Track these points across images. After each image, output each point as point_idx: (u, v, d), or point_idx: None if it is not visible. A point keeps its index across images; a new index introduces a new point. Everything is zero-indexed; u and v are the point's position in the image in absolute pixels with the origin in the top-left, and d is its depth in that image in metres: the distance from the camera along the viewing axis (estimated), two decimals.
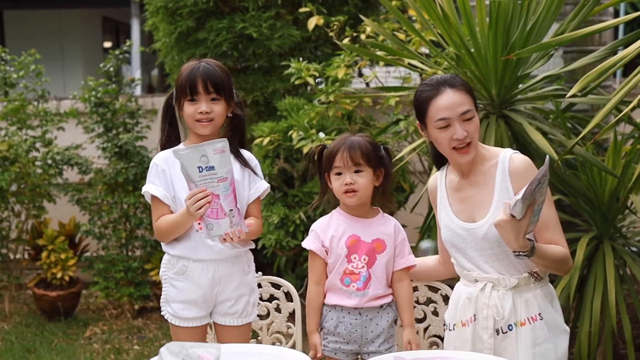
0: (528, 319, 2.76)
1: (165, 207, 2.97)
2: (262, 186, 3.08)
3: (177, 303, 3.02)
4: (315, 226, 3.02)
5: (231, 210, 2.79)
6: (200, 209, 2.75)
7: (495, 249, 2.77)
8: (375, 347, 2.95)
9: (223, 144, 2.75)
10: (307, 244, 3.00)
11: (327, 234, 2.97)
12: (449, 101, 2.75)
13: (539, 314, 2.77)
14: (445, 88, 2.77)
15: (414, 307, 3.22)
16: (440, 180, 2.97)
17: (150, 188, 2.98)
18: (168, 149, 3.02)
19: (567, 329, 2.85)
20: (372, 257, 2.95)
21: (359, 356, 2.98)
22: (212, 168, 2.74)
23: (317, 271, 2.98)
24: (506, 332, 2.77)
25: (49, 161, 6.06)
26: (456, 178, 2.89)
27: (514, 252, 2.64)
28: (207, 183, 2.75)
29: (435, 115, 2.77)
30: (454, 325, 2.91)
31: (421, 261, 3.15)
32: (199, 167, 2.74)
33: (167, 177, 2.97)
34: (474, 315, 2.82)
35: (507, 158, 2.79)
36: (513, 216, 2.55)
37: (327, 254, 2.96)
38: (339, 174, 2.93)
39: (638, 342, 4.71)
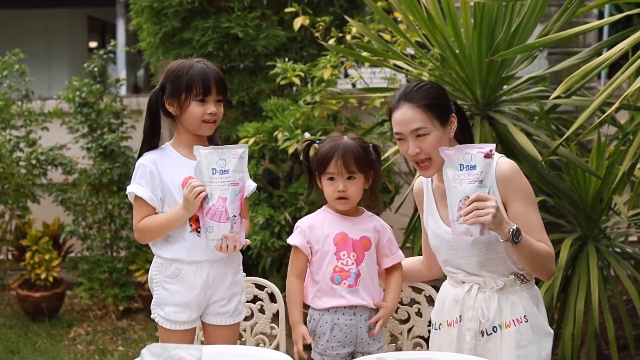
0: (513, 321, 2.77)
1: (150, 209, 2.94)
2: (251, 185, 3.06)
3: (170, 306, 2.99)
4: (301, 222, 3.01)
5: (234, 216, 2.79)
6: (197, 197, 2.75)
7: (483, 255, 2.77)
8: (370, 346, 2.96)
9: (243, 150, 2.79)
10: (292, 239, 2.98)
11: (314, 231, 2.95)
12: (401, 117, 2.77)
13: (524, 316, 2.77)
14: (403, 103, 2.77)
15: (398, 307, 3.23)
16: (426, 186, 2.97)
17: (135, 189, 2.94)
18: (155, 150, 3.00)
19: (551, 331, 2.85)
20: (360, 254, 2.95)
21: (353, 357, 2.97)
22: (226, 171, 2.75)
23: (299, 266, 2.97)
24: (491, 333, 2.78)
25: (33, 161, 6.04)
26: (442, 184, 2.89)
27: (508, 237, 2.61)
28: (216, 185, 2.76)
29: (393, 128, 2.81)
30: (440, 324, 2.92)
31: (404, 262, 3.15)
32: (213, 169, 2.75)
33: (155, 178, 2.93)
34: (460, 316, 2.83)
35: (494, 162, 2.77)
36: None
37: (311, 251, 2.95)
38: (332, 179, 2.93)
39: (621, 343, 4.73)
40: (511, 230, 2.60)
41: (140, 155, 3.02)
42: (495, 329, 2.77)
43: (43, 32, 12.98)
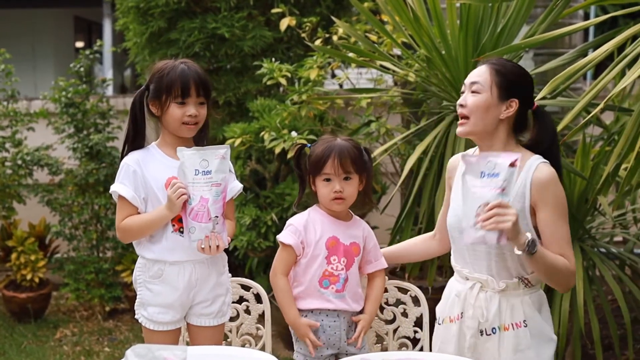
0: (512, 324, 2.75)
1: (132, 209, 2.93)
2: (236, 186, 3.06)
3: (153, 307, 2.99)
4: (295, 221, 2.98)
5: (216, 217, 2.80)
6: (180, 198, 2.76)
7: (493, 250, 2.74)
8: (354, 348, 2.96)
9: (226, 150, 2.81)
10: (286, 238, 2.95)
11: (308, 232, 2.95)
12: (473, 71, 2.82)
13: (524, 320, 2.76)
14: (484, 63, 2.82)
15: (384, 308, 3.23)
16: (461, 164, 2.87)
17: (118, 188, 2.94)
18: (140, 150, 3.00)
19: (554, 337, 2.82)
20: (350, 259, 2.95)
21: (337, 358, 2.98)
22: (209, 172, 2.77)
23: (287, 264, 2.96)
24: (490, 334, 2.77)
25: (19, 162, 6.01)
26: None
27: (524, 248, 2.58)
28: (199, 186, 2.77)
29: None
30: (443, 320, 2.91)
31: (409, 242, 3.17)
32: (195, 170, 2.77)
33: (138, 178, 2.93)
34: (461, 313, 2.82)
35: (534, 166, 2.73)
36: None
37: (303, 251, 2.95)
38: (328, 180, 2.92)
39: (606, 343, 4.75)
40: (527, 241, 2.57)
41: (123, 154, 3.01)
42: (494, 330, 2.76)
43: (29, 32, 12.92)
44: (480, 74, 2.77)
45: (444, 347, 2.88)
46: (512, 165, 2.53)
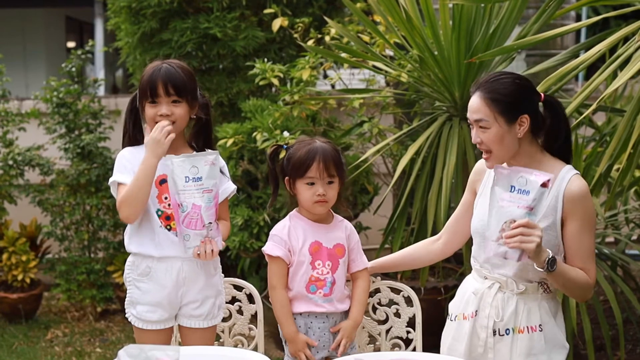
0: (527, 327, 2.74)
1: None
2: (230, 187, 3.06)
3: (141, 305, 2.98)
4: (277, 231, 2.96)
5: (210, 223, 2.80)
6: (167, 137, 2.77)
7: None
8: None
9: (215, 156, 2.81)
10: (271, 250, 2.93)
11: (290, 240, 2.93)
12: (470, 105, 2.72)
13: (539, 325, 2.74)
14: (476, 91, 2.72)
15: (376, 308, 3.23)
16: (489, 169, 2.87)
17: (117, 177, 2.92)
18: (135, 146, 3.00)
19: (567, 345, 2.81)
20: (335, 262, 2.94)
21: None
22: (199, 179, 2.77)
23: (282, 276, 2.93)
24: (503, 335, 2.76)
25: (10, 162, 5.98)
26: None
27: (543, 266, 2.57)
28: (190, 193, 2.77)
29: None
30: (456, 316, 2.89)
31: (410, 249, 3.18)
32: (186, 177, 2.77)
33: (134, 167, 2.91)
34: (476, 311, 2.80)
35: (567, 178, 2.69)
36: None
37: (292, 259, 2.94)
38: (312, 184, 2.91)
39: (598, 343, 4.76)
40: (547, 259, 2.56)
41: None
42: (507, 332, 2.75)
43: (20, 32, 12.88)
44: (479, 109, 2.68)
45: (455, 345, 2.86)
46: (544, 185, 2.51)
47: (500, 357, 2.76)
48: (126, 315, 3.05)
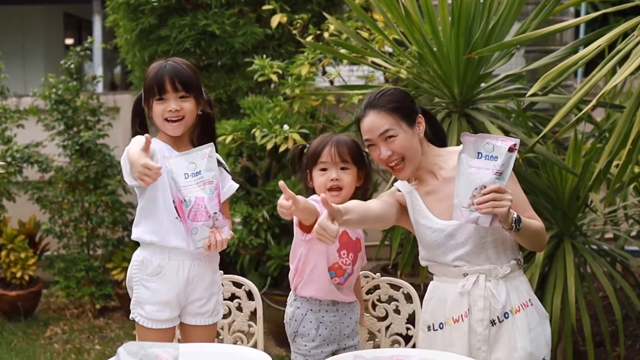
0: (521, 305, 2.77)
1: None
2: (233, 186, 3.07)
3: (151, 305, 2.97)
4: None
5: (215, 213, 2.80)
6: (143, 178, 2.64)
7: (489, 236, 2.74)
8: (351, 341, 3.00)
9: (210, 149, 2.81)
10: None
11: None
12: (369, 124, 2.77)
13: (529, 299, 2.79)
14: (369, 110, 2.78)
15: (376, 305, 3.24)
16: (406, 189, 2.88)
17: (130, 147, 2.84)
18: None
19: (547, 313, 2.88)
20: (355, 255, 2.98)
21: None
22: (198, 173, 2.77)
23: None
24: (502, 320, 2.75)
25: (9, 159, 5.98)
26: (422, 183, 2.85)
27: (511, 226, 2.61)
28: (191, 187, 2.77)
29: (363, 137, 2.81)
30: (441, 323, 2.83)
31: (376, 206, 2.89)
32: (185, 174, 2.77)
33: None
34: (468, 309, 2.79)
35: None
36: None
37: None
38: (324, 169, 2.91)
39: (597, 339, 4.77)
40: (513, 219, 2.61)
41: None
42: (506, 315, 2.76)
43: (18, 29, 12.86)
44: (381, 122, 2.75)
45: (449, 351, 2.76)
46: (511, 150, 2.56)
47: (504, 343, 2.74)
48: (132, 316, 3.02)
